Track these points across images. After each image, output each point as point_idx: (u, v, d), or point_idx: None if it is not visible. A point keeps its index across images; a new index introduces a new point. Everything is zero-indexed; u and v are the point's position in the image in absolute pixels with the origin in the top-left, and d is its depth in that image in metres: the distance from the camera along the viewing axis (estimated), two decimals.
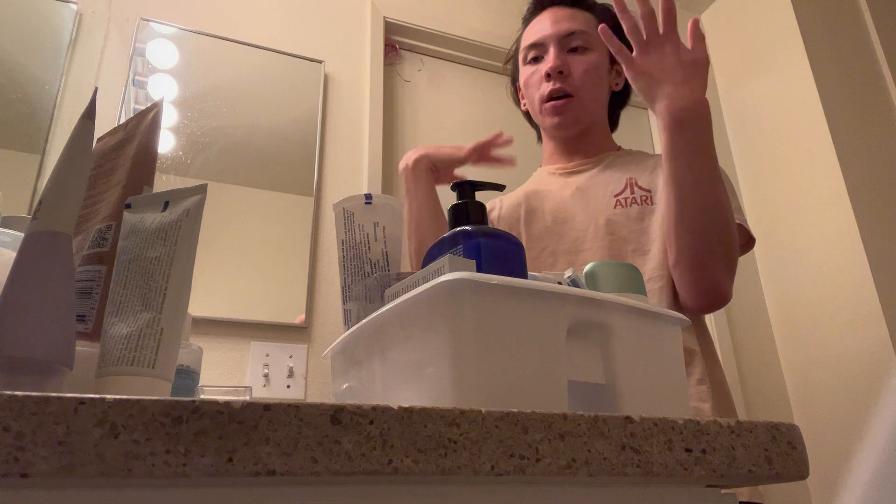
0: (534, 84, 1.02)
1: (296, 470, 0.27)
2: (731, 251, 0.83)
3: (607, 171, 1.00)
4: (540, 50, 1.02)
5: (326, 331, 1.48)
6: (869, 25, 2.01)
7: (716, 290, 0.84)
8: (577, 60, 1.00)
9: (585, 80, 0.99)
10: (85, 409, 0.25)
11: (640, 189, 0.95)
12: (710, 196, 0.80)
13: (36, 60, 1.43)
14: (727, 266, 0.83)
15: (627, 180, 0.97)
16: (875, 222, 1.75)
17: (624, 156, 1.04)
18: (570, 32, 1.00)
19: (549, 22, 1.02)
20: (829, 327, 1.76)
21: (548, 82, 0.99)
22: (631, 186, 0.96)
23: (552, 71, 0.98)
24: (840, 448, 1.62)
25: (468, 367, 0.36)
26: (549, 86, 0.99)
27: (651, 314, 0.46)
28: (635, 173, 0.97)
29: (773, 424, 0.38)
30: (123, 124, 0.58)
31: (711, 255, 0.82)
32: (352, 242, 0.58)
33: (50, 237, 0.39)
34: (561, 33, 1.00)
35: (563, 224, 0.97)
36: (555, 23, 1.02)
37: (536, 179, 1.09)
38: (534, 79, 1.02)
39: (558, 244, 0.96)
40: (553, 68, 0.98)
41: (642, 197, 0.94)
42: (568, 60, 0.99)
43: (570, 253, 0.94)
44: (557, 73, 0.98)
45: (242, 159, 1.56)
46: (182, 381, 0.52)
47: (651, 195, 0.94)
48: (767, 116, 2.05)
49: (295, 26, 1.74)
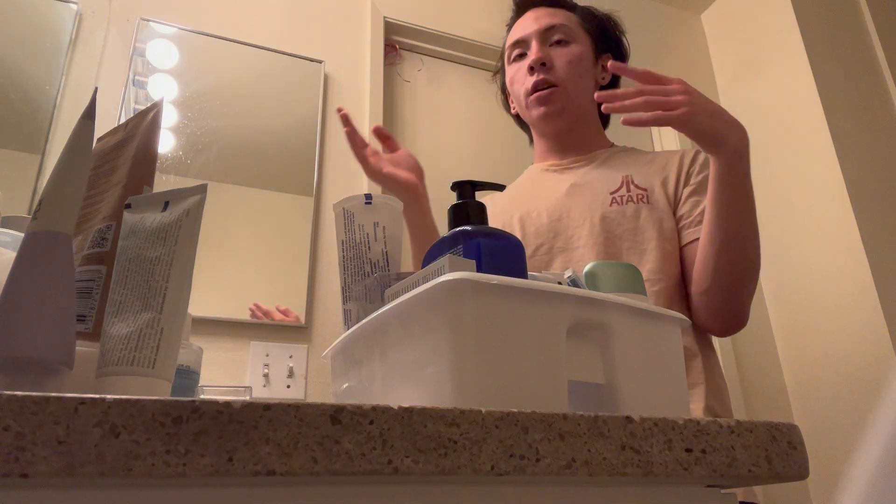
0: (518, 80, 1.04)
1: (296, 470, 0.27)
2: (757, 278, 0.86)
3: (602, 167, 1.00)
4: (523, 47, 1.04)
5: (326, 331, 1.48)
6: (869, 25, 2.01)
7: (740, 315, 0.87)
8: (559, 52, 1.01)
9: (569, 70, 1.00)
10: (85, 409, 0.25)
11: (637, 188, 0.95)
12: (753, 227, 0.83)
13: (36, 60, 1.42)
14: (752, 292, 0.86)
15: (623, 178, 0.96)
16: (875, 222, 1.75)
17: (619, 152, 1.04)
18: (550, 26, 1.02)
19: (530, 20, 1.05)
20: (829, 327, 1.76)
21: (531, 75, 1.00)
22: (627, 184, 0.96)
23: (535, 63, 1.00)
24: (840, 448, 1.62)
25: (468, 367, 0.36)
26: (533, 78, 1.00)
27: (651, 314, 0.46)
28: (631, 171, 0.97)
29: (773, 424, 0.38)
30: (123, 124, 0.58)
31: (743, 283, 0.85)
32: (352, 242, 0.58)
33: (50, 237, 0.39)
34: (542, 28, 1.02)
35: (559, 221, 0.97)
36: (536, 20, 1.04)
37: (529, 176, 1.09)
38: (518, 75, 1.04)
39: (554, 241, 0.96)
40: (535, 60, 1.00)
41: (639, 195, 0.94)
42: (550, 53, 1.01)
43: (566, 250, 0.94)
44: (540, 65, 1.00)
45: (242, 159, 1.56)
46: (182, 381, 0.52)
47: (647, 194, 0.94)
48: (767, 116, 2.04)
49: (295, 26, 1.74)
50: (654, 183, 0.95)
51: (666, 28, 2.26)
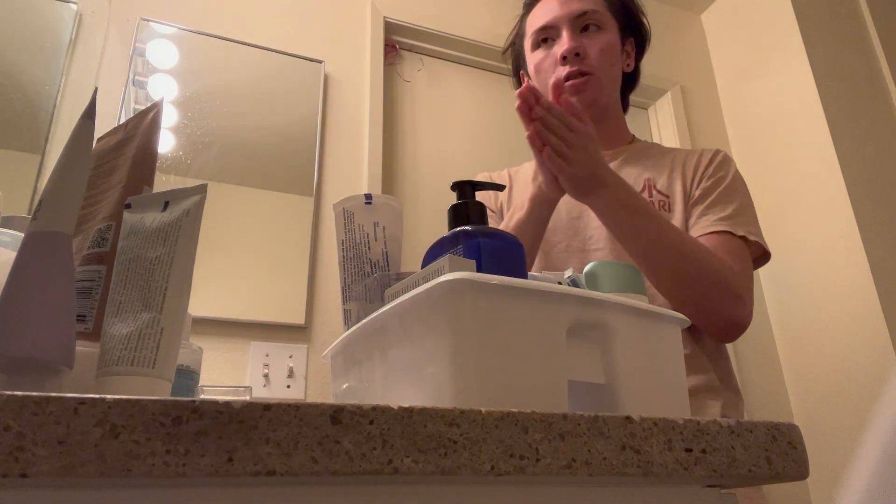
0: (547, 68, 0.97)
1: (296, 470, 0.27)
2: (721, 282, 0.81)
3: (625, 167, 0.98)
4: (550, 32, 0.97)
5: (326, 331, 1.48)
6: (869, 25, 2.01)
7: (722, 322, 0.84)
8: (591, 41, 0.95)
9: (602, 60, 0.95)
10: (85, 409, 0.25)
11: (658, 193, 0.93)
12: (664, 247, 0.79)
13: (36, 60, 1.42)
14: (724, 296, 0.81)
15: (645, 181, 0.94)
16: (875, 222, 1.75)
17: (642, 150, 1.01)
18: (582, 12, 0.96)
19: (556, 3, 0.98)
20: (829, 327, 1.75)
21: (563, 65, 0.94)
22: (649, 189, 0.93)
23: (569, 53, 0.93)
24: (840, 448, 1.62)
25: (468, 367, 0.36)
26: (566, 69, 0.94)
27: (651, 314, 0.46)
28: (653, 173, 0.95)
29: (773, 424, 0.38)
30: (123, 124, 0.58)
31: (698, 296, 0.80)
32: (352, 242, 0.58)
33: (50, 237, 0.39)
34: (573, 14, 0.96)
35: (578, 220, 0.94)
36: (564, 3, 0.97)
37: None
38: (546, 63, 0.97)
39: (572, 240, 0.94)
40: (569, 50, 0.93)
41: (660, 202, 0.92)
42: (583, 42, 0.95)
43: (583, 251, 0.92)
44: (574, 56, 0.94)
45: (242, 159, 1.56)
46: (182, 381, 0.52)
47: (668, 201, 0.92)
48: (767, 116, 2.04)
49: (295, 26, 1.74)
50: (675, 189, 0.93)
51: (666, 28, 2.26)
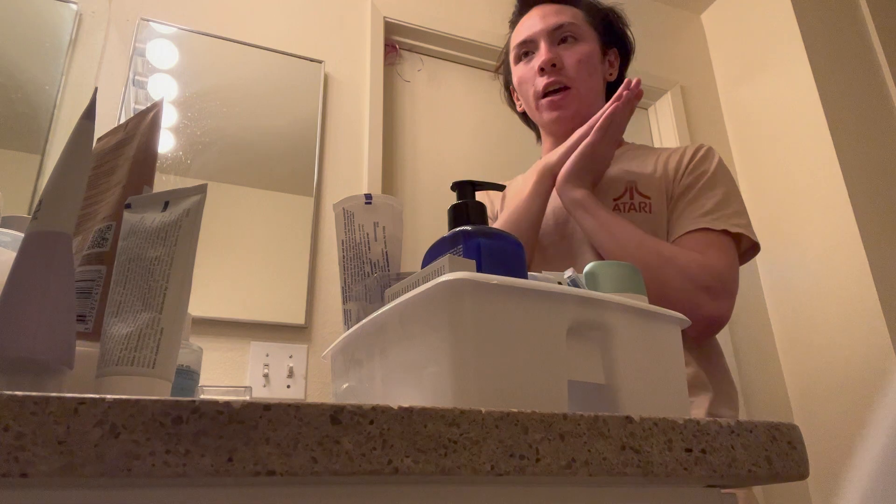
0: (527, 80, 1.02)
1: (296, 470, 0.27)
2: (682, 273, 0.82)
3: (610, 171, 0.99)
4: (530, 46, 1.02)
5: (326, 331, 1.48)
6: (869, 25, 2.01)
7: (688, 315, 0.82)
8: (568, 52, 1.00)
9: (580, 70, 0.99)
10: (85, 409, 0.25)
11: (640, 195, 0.94)
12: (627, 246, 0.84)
13: (36, 60, 1.42)
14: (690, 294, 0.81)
15: (627, 184, 0.96)
16: (875, 222, 1.75)
17: (626, 152, 1.03)
18: (558, 25, 1.01)
19: (537, 18, 1.03)
20: (829, 327, 1.76)
21: (541, 76, 0.99)
22: (630, 191, 0.95)
23: (545, 64, 0.98)
24: (840, 448, 1.62)
25: (468, 367, 0.36)
26: (544, 80, 0.99)
27: (651, 314, 0.46)
28: (636, 176, 0.96)
29: (773, 424, 0.38)
30: (123, 124, 0.58)
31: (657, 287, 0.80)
32: (352, 242, 0.58)
33: (50, 237, 0.39)
34: (549, 27, 1.01)
35: (565, 225, 0.96)
36: (542, 18, 1.02)
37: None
38: (527, 75, 1.02)
39: (559, 245, 0.95)
40: (546, 61, 0.98)
41: (641, 203, 0.93)
42: (559, 53, 0.99)
43: (568, 256, 0.94)
44: (551, 67, 0.98)
45: (242, 159, 1.56)
46: (182, 381, 0.52)
47: (650, 203, 0.93)
48: (767, 116, 2.05)
49: (295, 26, 1.74)
50: (657, 189, 0.94)
51: (666, 28, 2.26)
